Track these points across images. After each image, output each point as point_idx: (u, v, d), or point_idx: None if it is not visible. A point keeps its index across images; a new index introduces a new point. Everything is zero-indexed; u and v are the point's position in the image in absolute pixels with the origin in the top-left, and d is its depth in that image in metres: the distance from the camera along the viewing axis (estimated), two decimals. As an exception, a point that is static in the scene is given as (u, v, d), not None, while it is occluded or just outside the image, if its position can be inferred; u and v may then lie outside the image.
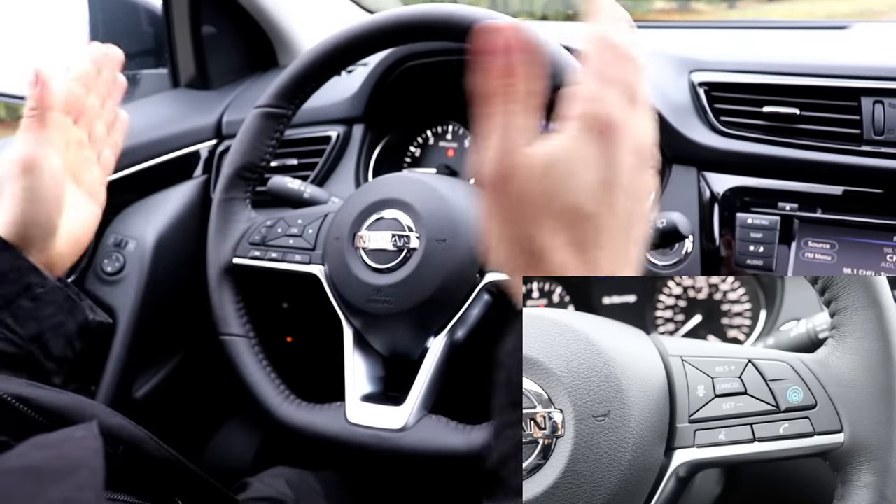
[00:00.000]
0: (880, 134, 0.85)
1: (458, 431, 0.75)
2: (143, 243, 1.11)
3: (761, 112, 0.90)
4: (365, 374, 0.82)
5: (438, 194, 0.78)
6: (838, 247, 0.87)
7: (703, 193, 0.93)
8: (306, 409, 0.82)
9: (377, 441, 0.77)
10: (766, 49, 1.01)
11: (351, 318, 0.81)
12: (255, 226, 0.88)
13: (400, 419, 0.76)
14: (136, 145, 1.15)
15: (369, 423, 0.78)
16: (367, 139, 1.14)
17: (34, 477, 0.44)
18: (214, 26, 1.34)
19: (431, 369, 0.77)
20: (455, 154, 1.16)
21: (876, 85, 0.86)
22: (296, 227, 0.86)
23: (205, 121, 1.24)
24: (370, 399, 0.80)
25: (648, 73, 0.45)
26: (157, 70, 1.39)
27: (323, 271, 0.83)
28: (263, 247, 0.86)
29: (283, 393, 0.83)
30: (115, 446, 0.61)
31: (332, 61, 0.85)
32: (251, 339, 0.86)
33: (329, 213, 0.86)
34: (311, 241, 0.85)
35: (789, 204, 0.88)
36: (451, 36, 0.79)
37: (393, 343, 0.81)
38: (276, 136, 0.88)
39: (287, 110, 0.87)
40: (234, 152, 0.88)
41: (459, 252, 0.75)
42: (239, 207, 0.89)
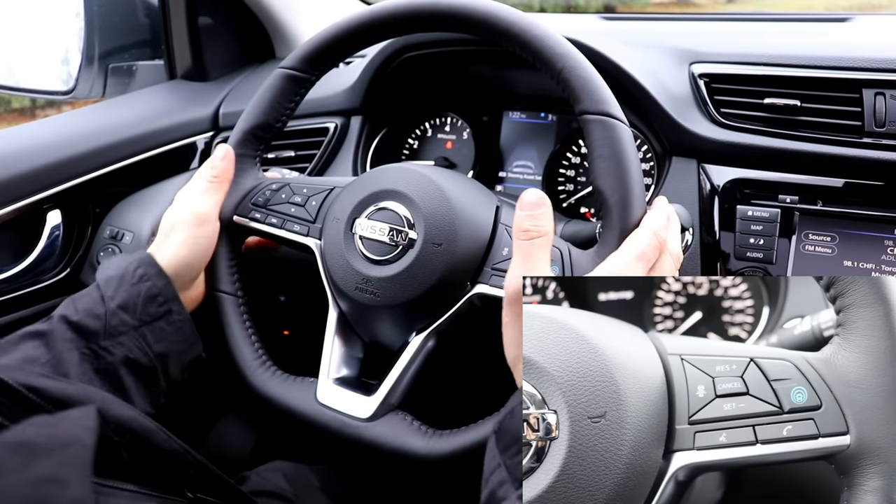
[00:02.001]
0: (881, 126, 0.85)
1: (420, 434, 0.74)
2: (139, 235, 1.11)
3: (762, 104, 0.90)
4: (342, 355, 0.82)
5: (444, 195, 0.76)
6: (839, 239, 0.86)
7: (704, 186, 0.92)
8: (280, 379, 0.82)
9: (340, 426, 0.77)
10: (766, 41, 1.00)
11: (338, 300, 0.81)
12: (261, 187, 0.87)
13: (367, 409, 0.76)
14: (132, 137, 1.15)
15: (337, 407, 0.77)
16: (364, 131, 1.13)
17: (25, 451, 0.45)
18: (211, 17, 1.33)
19: (406, 365, 0.77)
20: (454, 146, 1.15)
21: (877, 77, 0.86)
22: (300, 195, 0.85)
23: (201, 112, 1.24)
24: (343, 383, 0.80)
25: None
26: (153, 61, 1.38)
27: (318, 245, 0.83)
28: (265, 210, 0.86)
29: (260, 359, 0.83)
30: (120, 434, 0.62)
31: (363, 34, 0.83)
32: (239, 297, 0.86)
33: (336, 187, 0.85)
34: (312, 213, 0.84)
35: (790, 196, 0.88)
36: (484, 33, 0.77)
37: (375, 332, 0.80)
38: (296, 99, 0.87)
39: (310, 76, 0.86)
40: (252, 109, 0.87)
41: (454, 258, 0.74)
42: (248, 165, 0.88)
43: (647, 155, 1.01)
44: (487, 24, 0.76)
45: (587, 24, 1.29)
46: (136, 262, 0.77)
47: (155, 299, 0.76)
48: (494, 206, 0.78)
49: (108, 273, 0.77)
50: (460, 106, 1.16)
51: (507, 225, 0.76)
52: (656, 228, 0.69)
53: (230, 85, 1.30)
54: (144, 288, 0.76)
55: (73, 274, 1.12)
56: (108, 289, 0.75)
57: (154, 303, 0.76)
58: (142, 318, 0.75)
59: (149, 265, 0.77)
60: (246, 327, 0.85)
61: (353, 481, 1.05)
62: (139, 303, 0.75)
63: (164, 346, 0.76)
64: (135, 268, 0.77)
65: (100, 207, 1.14)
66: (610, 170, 0.69)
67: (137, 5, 1.37)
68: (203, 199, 0.83)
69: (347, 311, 0.81)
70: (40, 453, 0.45)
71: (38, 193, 1.05)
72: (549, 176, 1.09)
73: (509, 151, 1.14)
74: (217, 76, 1.35)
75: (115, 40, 1.33)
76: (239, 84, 1.31)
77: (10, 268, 1.06)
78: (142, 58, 1.38)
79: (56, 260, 1.11)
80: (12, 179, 1.03)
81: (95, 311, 0.73)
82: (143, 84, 1.35)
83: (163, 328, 0.76)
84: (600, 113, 0.70)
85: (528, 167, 1.12)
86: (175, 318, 0.77)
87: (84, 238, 1.13)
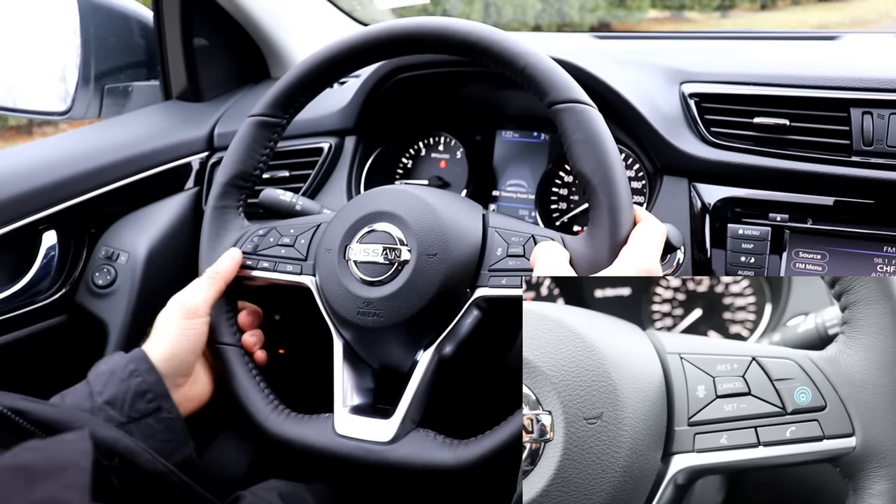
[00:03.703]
0: (869, 144, 0.85)
1: (446, 446, 0.75)
2: (135, 256, 1.11)
3: (752, 123, 0.91)
4: (354, 385, 0.82)
5: (430, 208, 0.78)
6: (829, 257, 0.87)
7: (694, 204, 0.93)
8: (295, 420, 0.82)
9: (364, 453, 0.77)
10: (756, 60, 1.01)
11: (341, 330, 0.81)
12: (248, 235, 0.87)
13: (388, 432, 0.76)
14: (128, 157, 1.15)
15: (357, 436, 0.77)
16: (358, 151, 1.13)
17: (23, 475, 0.45)
18: (206, 38, 1.33)
19: (420, 383, 0.77)
20: (447, 165, 1.16)
21: (865, 96, 0.86)
22: (288, 236, 0.86)
23: (196, 133, 1.24)
24: (359, 411, 0.80)
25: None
26: (148, 82, 1.39)
27: (314, 282, 0.83)
28: (255, 256, 0.86)
29: (271, 403, 0.83)
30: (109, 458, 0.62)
31: (328, 71, 0.85)
32: (242, 347, 0.86)
33: (322, 223, 0.86)
34: (302, 251, 0.85)
35: (780, 215, 0.89)
36: (445, 49, 0.79)
37: (382, 356, 0.80)
38: (269, 145, 0.88)
39: (281, 119, 0.87)
40: (228, 161, 0.87)
41: (450, 266, 0.75)
42: (231, 216, 0.89)
43: (639, 174, 1.02)
44: (444, 39, 0.78)
45: (579, 44, 1.30)
46: (128, 358, 0.77)
47: (144, 395, 0.75)
48: (481, 213, 0.80)
49: (100, 368, 0.77)
50: (454, 126, 1.16)
51: (496, 228, 0.78)
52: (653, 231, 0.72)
53: (225, 105, 1.31)
54: (134, 384, 0.75)
55: (68, 294, 1.12)
56: (97, 384, 0.74)
57: (143, 399, 0.75)
58: (129, 415, 0.74)
59: (140, 361, 0.77)
60: (252, 375, 0.85)
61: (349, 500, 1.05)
62: (127, 398, 0.74)
63: (151, 444, 0.74)
64: (126, 363, 0.76)
65: (95, 228, 1.14)
66: (587, 152, 0.71)
67: (133, 26, 1.37)
68: (194, 293, 0.83)
69: (352, 340, 0.81)
70: (39, 477, 0.45)
71: (34, 214, 1.05)
72: (542, 195, 1.09)
73: (502, 170, 1.14)
74: (212, 97, 1.35)
75: (112, 61, 1.33)
76: (234, 104, 1.31)
77: (6, 288, 1.06)
78: (137, 78, 1.39)
79: (51, 280, 1.11)
80: (8, 200, 1.03)
81: (82, 406, 0.72)
82: (138, 104, 1.35)
83: (151, 425, 0.75)
84: (569, 101, 0.72)
85: (522, 186, 1.13)
86: (164, 416, 0.76)
87: (80, 258, 1.13)
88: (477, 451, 0.73)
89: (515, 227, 0.78)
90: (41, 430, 0.60)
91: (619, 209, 0.70)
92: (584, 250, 0.72)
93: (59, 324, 1.12)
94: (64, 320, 1.13)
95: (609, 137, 0.72)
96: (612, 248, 0.70)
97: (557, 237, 0.74)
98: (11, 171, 1.06)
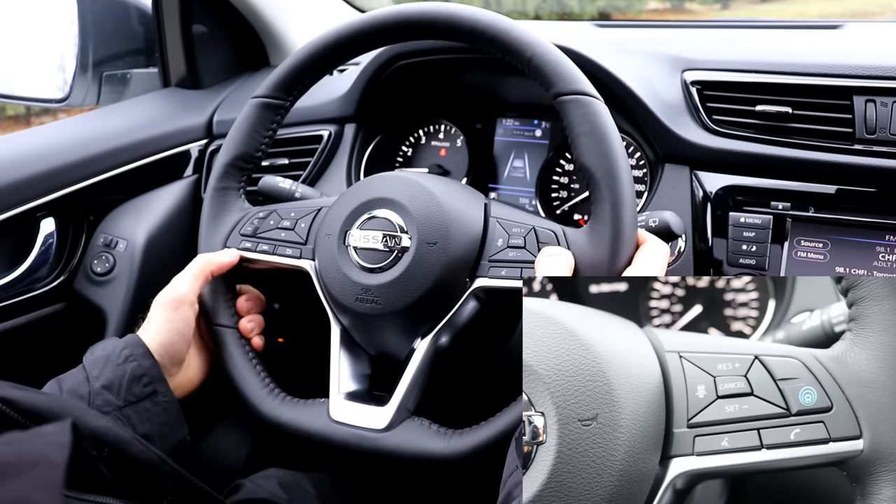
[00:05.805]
0: (872, 133, 0.85)
1: (440, 436, 0.74)
2: (134, 243, 1.10)
3: (754, 111, 0.90)
4: (350, 371, 0.82)
5: (432, 196, 0.77)
6: (831, 246, 0.87)
7: (696, 192, 0.92)
8: (290, 404, 0.81)
9: (358, 440, 0.76)
10: (758, 48, 1.01)
11: (339, 316, 0.81)
12: (248, 217, 0.87)
13: (382, 419, 0.76)
14: (126, 145, 1.15)
15: (352, 422, 0.77)
16: (358, 138, 1.13)
17: None
18: (205, 25, 1.33)
19: (417, 371, 0.77)
20: (447, 153, 1.15)
21: (868, 84, 0.86)
22: (288, 220, 0.85)
23: (195, 120, 1.23)
24: (354, 397, 0.80)
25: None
26: (147, 69, 1.39)
27: (313, 266, 0.82)
28: (255, 238, 0.86)
29: (267, 387, 0.83)
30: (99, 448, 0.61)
31: (332, 54, 0.84)
32: (238, 329, 0.85)
33: (323, 207, 0.85)
34: (302, 235, 0.84)
35: (782, 203, 0.88)
36: (452, 35, 0.78)
37: (379, 343, 0.80)
38: (272, 127, 0.87)
39: (285, 101, 0.86)
40: (230, 142, 0.87)
41: (450, 256, 0.74)
42: (232, 198, 0.88)
43: (640, 162, 1.01)
44: (452, 26, 0.77)
45: (581, 33, 1.30)
46: (122, 343, 0.78)
47: (140, 379, 0.76)
48: (483, 202, 0.79)
49: (96, 354, 0.77)
50: (454, 113, 1.16)
51: (498, 218, 0.77)
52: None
53: (224, 93, 1.30)
54: (130, 368, 0.76)
55: (66, 282, 1.11)
56: (93, 369, 0.75)
57: (139, 383, 0.75)
58: (126, 399, 0.74)
59: (135, 346, 0.77)
60: (249, 358, 0.84)
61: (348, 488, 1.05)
62: (124, 383, 0.75)
63: (149, 427, 0.75)
64: (121, 349, 0.77)
65: (94, 215, 1.14)
66: (592, 145, 0.70)
67: (132, 13, 1.37)
68: (182, 283, 0.83)
69: (350, 326, 0.81)
70: (10, 474, 0.44)
71: (32, 201, 1.05)
72: (542, 183, 1.09)
73: (503, 158, 1.14)
74: (211, 84, 1.35)
75: (110, 48, 1.33)
76: (233, 92, 1.31)
77: (4, 276, 1.05)
78: (136, 66, 1.38)
79: (50, 268, 1.10)
80: (6, 187, 1.03)
81: (79, 391, 0.73)
82: (137, 92, 1.34)
83: (147, 409, 0.75)
84: (575, 92, 0.72)
85: (522, 174, 1.13)
86: (160, 400, 0.76)
87: (78, 246, 1.13)
88: (471, 441, 0.73)
89: (517, 218, 0.77)
90: (29, 419, 0.59)
91: (622, 204, 0.69)
92: (586, 246, 0.71)
93: (58, 311, 1.12)
94: (62, 308, 1.12)
95: (614, 131, 0.71)
96: (614, 245, 0.69)
97: (559, 229, 0.73)
98: (9, 158, 1.06)
